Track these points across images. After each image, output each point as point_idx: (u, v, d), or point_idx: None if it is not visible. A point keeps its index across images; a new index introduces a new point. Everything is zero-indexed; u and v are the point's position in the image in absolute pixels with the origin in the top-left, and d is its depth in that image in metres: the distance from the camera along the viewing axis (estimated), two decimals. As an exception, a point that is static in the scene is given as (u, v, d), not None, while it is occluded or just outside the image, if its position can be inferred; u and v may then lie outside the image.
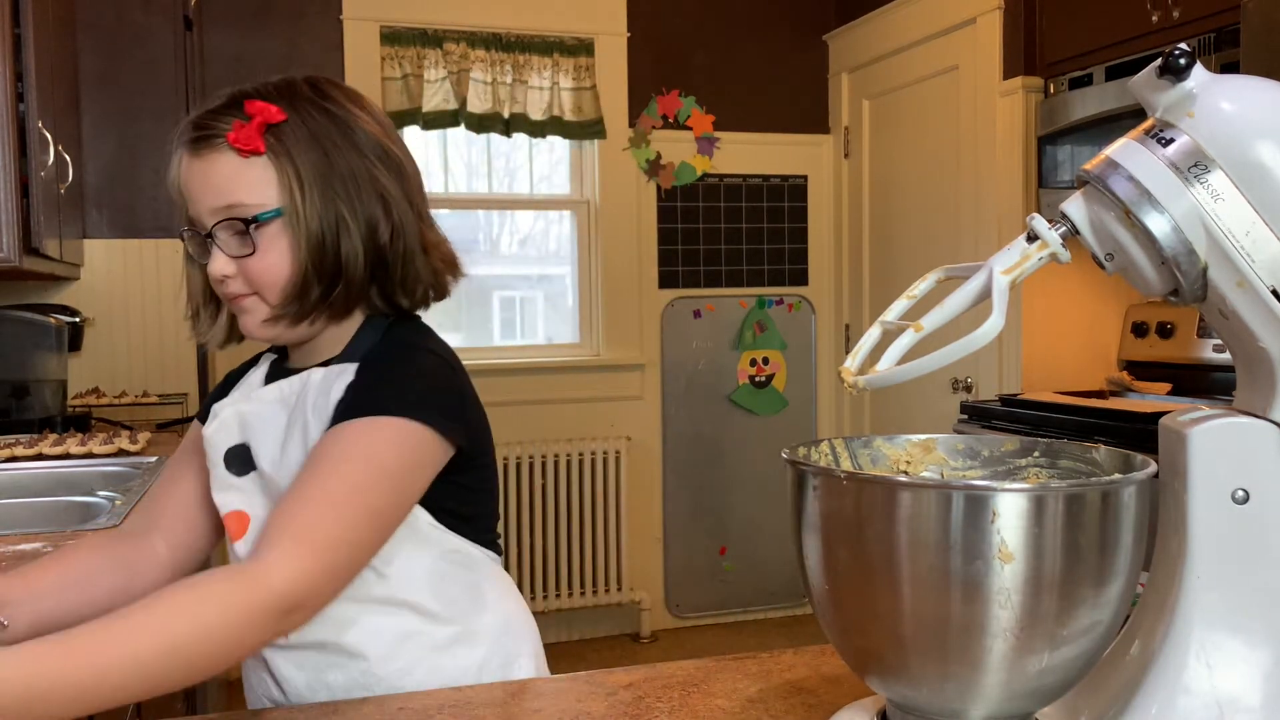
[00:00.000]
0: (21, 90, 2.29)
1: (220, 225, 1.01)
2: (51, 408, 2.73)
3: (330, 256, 1.01)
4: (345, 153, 1.02)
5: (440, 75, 3.71)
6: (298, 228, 1.00)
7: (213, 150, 1.01)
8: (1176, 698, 0.74)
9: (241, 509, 1.05)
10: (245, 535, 1.05)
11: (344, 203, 1.01)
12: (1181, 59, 0.71)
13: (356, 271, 1.03)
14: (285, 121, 1.01)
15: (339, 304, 1.04)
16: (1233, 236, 0.71)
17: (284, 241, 1.01)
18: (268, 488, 1.05)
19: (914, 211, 3.77)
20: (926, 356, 0.72)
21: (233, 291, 1.04)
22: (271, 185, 1.00)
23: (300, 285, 1.01)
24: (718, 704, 0.94)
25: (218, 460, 1.07)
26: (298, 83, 1.05)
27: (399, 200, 1.04)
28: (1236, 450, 0.75)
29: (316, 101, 1.03)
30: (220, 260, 1.02)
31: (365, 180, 1.03)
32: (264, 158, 1.00)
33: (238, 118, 1.00)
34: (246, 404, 1.08)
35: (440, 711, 0.93)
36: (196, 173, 1.02)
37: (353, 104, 1.06)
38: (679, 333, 4.11)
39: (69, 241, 2.87)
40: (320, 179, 1.01)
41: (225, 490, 1.06)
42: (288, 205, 1.00)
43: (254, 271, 1.02)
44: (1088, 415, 2.59)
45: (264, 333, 1.05)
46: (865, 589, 0.74)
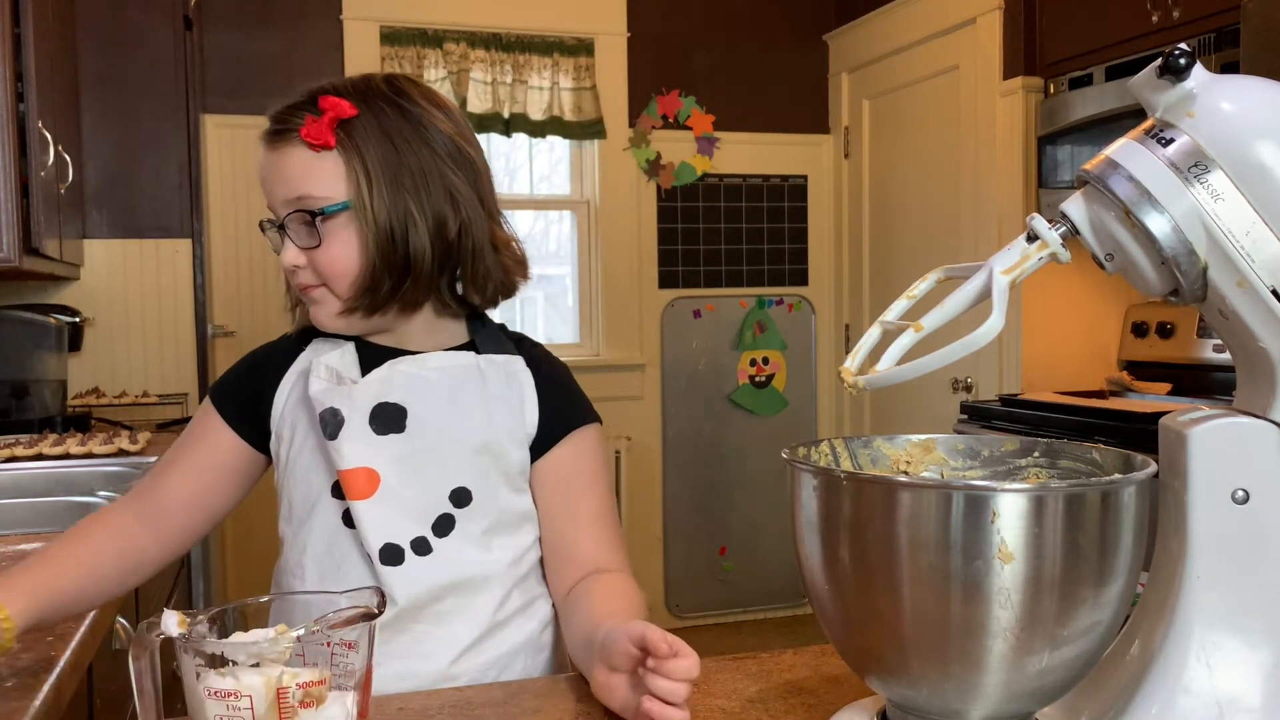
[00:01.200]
0: (21, 90, 2.29)
1: (291, 216, 1.04)
2: (51, 408, 2.73)
3: (399, 251, 1.04)
4: (416, 149, 1.04)
5: (440, 75, 3.71)
6: (365, 221, 1.03)
7: (286, 143, 1.04)
8: (1176, 698, 0.74)
9: (373, 467, 1.05)
10: (374, 495, 1.04)
11: (412, 198, 1.04)
12: (1181, 59, 0.71)
13: (424, 266, 1.05)
14: (357, 117, 1.03)
15: (409, 298, 1.07)
16: (1233, 236, 0.71)
17: (351, 234, 1.03)
18: (409, 452, 1.06)
19: (914, 211, 3.77)
20: (926, 356, 0.72)
21: (303, 282, 1.07)
22: (340, 179, 1.03)
23: (370, 279, 1.04)
24: (718, 704, 0.94)
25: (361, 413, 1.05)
26: (374, 79, 1.08)
27: (468, 197, 1.07)
28: (1236, 450, 0.75)
29: (390, 98, 1.06)
30: (291, 251, 1.05)
31: (435, 176, 1.05)
32: (334, 152, 1.03)
33: (311, 112, 1.03)
34: (410, 366, 1.08)
35: (440, 711, 0.93)
36: (271, 165, 1.05)
37: (427, 101, 1.08)
38: (679, 333, 4.11)
39: (69, 241, 2.87)
40: (389, 174, 1.03)
41: (357, 444, 1.05)
42: (355, 199, 1.03)
43: (321, 263, 1.04)
44: (1088, 415, 2.59)
45: (336, 324, 1.08)
46: (865, 589, 0.74)
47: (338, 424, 1.05)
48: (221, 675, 0.71)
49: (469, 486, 1.07)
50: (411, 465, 1.06)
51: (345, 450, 1.05)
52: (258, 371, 1.15)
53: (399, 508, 1.05)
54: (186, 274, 3.33)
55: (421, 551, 1.06)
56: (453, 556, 1.07)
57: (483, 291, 1.11)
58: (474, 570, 1.08)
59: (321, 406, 1.06)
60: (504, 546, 1.10)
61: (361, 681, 0.75)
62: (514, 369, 1.12)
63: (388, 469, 1.05)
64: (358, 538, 1.06)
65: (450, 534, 1.07)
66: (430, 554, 1.06)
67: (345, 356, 1.11)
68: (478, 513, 1.08)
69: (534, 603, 1.13)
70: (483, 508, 1.08)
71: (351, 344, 1.12)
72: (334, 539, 1.08)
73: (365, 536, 1.05)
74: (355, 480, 1.05)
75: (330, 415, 1.05)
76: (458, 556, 1.07)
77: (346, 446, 1.05)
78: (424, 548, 1.06)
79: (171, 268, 3.32)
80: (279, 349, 1.15)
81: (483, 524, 1.08)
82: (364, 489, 1.05)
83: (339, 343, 1.12)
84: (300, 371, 1.11)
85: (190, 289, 3.33)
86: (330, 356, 1.10)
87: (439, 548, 1.06)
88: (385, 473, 1.05)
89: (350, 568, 1.06)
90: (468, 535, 1.07)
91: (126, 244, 3.29)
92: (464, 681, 1.07)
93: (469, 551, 1.07)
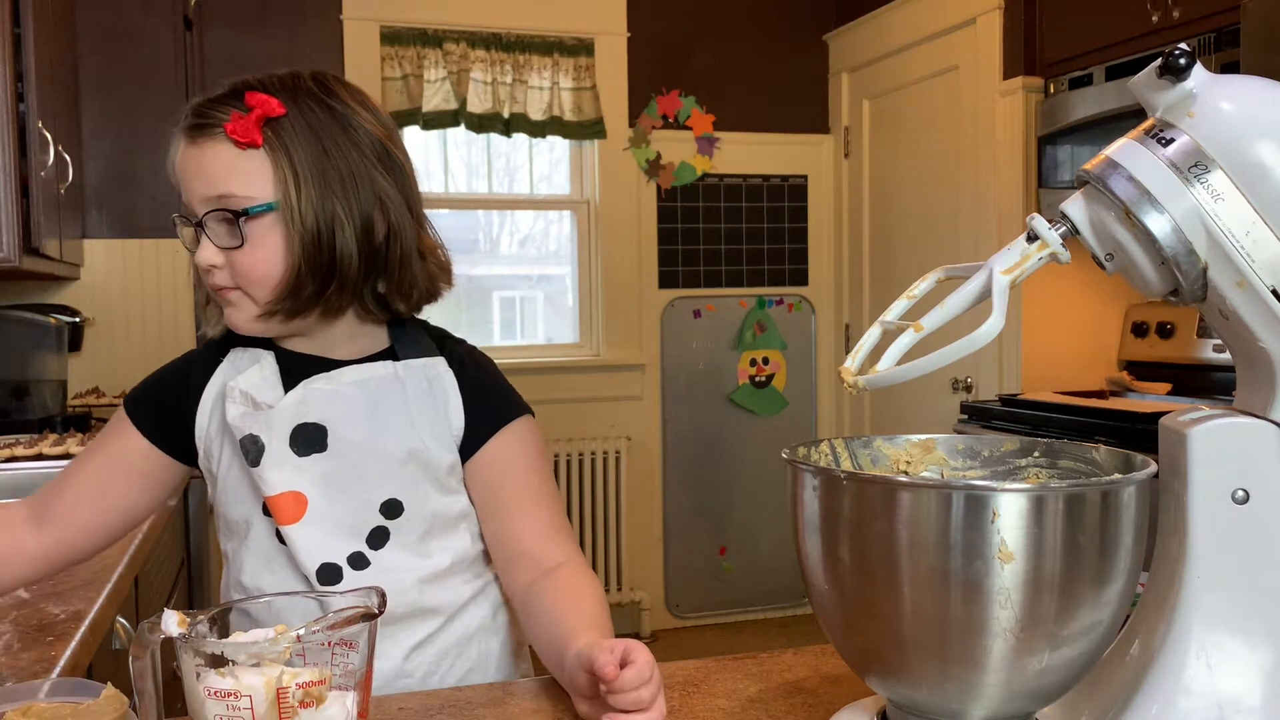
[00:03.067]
0: (21, 90, 2.29)
1: (210, 215, 1.00)
2: (51, 408, 2.73)
3: (324, 254, 1.00)
4: (344, 150, 1.01)
5: (440, 75, 3.71)
6: (291, 223, 0.99)
7: (209, 139, 1.00)
8: (1177, 698, 0.74)
9: (299, 490, 1.03)
10: (303, 519, 1.03)
11: (340, 200, 1.00)
12: (1181, 59, 0.71)
13: (350, 271, 1.01)
14: (285, 115, 0.99)
15: (332, 303, 1.03)
16: (1233, 236, 0.71)
17: (276, 236, 0.99)
18: (333, 470, 1.03)
19: (914, 211, 3.77)
20: (926, 356, 0.72)
21: (218, 283, 1.02)
22: (266, 179, 0.99)
23: (293, 282, 1.00)
24: (718, 704, 0.94)
25: (280, 438, 1.03)
26: (302, 76, 1.04)
27: (396, 201, 1.03)
28: (1236, 450, 0.75)
29: (319, 97, 1.02)
30: (208, 250, 1.00)
31: (363, 179, 1.01)
32: (260, 150, 0.99)
33: (237, 109, 0.99)
34: (325, 384, 1.05)
35: (440, 711, 0.93)
36: (192, 160, 1.01)
37: (355, 101, 1.04)
38: (679, 333, 4.11)
39: (69, 241, 2.87)
40: (317, 175, 0.99)
41: (280, 469, 1.03)
42: (281, 200, 0.99)
43: (242, 265, 1.00)
44: (1088, 415, 2.59)
45: (253, 327, 1.04)
46: (865, 589, 0.74)
47: (259, 450, 1.03)
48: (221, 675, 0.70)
49: (398, 497, 1.05)
50: (337, 483, 1.04)
51: (269, 476, 1.03)
52: (175, 382, 1.11)
53: (330, 527, 1.04)
54: (186, 274, 3.31)
55: (359, 566, 1.05)
56: (391, 566, 1.05)
57: (407, 299, 1.07)
58: (415, 574, 1.06)
59: (240, 434, 1.03)
60: (442, 550, 1.09)
61: (361, 681, 0.75)
62: (435, 372, 1.09)
63: (314, 490, 1.03)
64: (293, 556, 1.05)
65: (386, 545, 1.06)
66: (369, 567, 1.05)
67: (264, 371, 1.07)
68: (411, 521, 1.06)
69: (484, 589, 1.12)
70: (415, 515, 1.06)
71: (270, 354, 1.08)
72: (271, 557, 1.06)
73: (300, 559, 1.03)
74: (283, 505, 1.03)
75: (250, 442, 1.03)
76: (397, 566, 1.05)
77: (269, 473, 1.02)
78: (361, 562, 1.05)
79: (171, 268, 3.32)
80: (197, 359, 1.12)
81: (418, 531, 1.07)
82: (292, 513, 1.03)
83: (257, 354, 1.08)
84: (218, 392, 1.08)
85: (190, 289, 3.32)
86: (247, 376, 1.07)
87: (376, 560, 1.05)
88: (311, 494, 1.03)
89: (291, 585, 1.05)
90: (404, 544, 1.06)
91: (126, 244, 3.29)
92: (420, 674, 1.07)
93: (407, 560, 1.06)
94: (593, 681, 0.86)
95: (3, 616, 1.18)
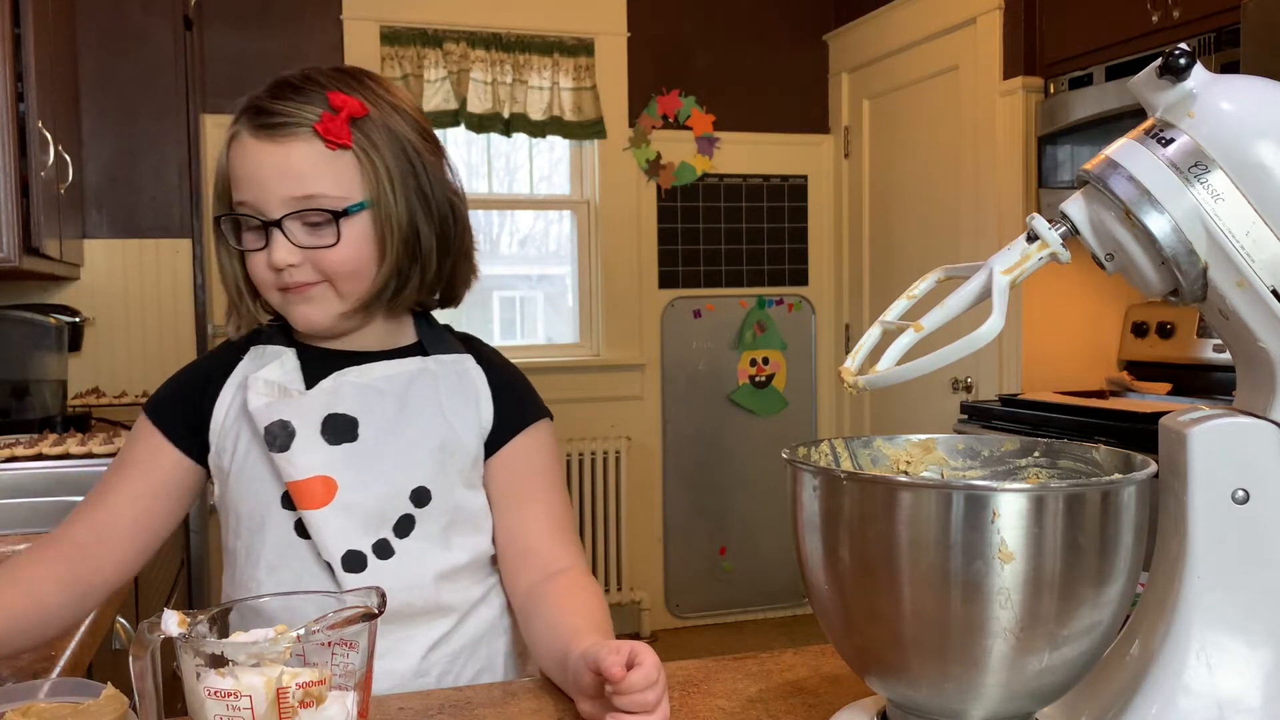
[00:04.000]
0: (21, 90, 2.29)
1: (294, 215, 1.00)
2: (51, 408, 2.73)
3: (411, 250, 1.04)
4: (419, 149, 1.04)
5: (440, 75, 3.71)
6: (386, 222, 1.02)
7: (294, 139, 1.00)
8: (1177, 698, 0.74)
9: (329, 475, 1.03)
10: (331, 503, 1.03)
11: (421, 200, 1.04)
12: (1181, 59, 0.71)
13: (431, 265, 1.06)
14: (368, 116, 1.01)
15: (408, 297, 1.07)
16: (1233, 236, 0.71)
17: (367, 233, 1.02)
18: (364, 457, 1.04)
19: (914, 211, 3.77)
20: (926, 356, 0.72)
21: (298, 280, 1.03)
22: (355, 178, 1.01)
23: (384, 277, 1.04)
24: (718, 704, 0.94)
25: (311, 424, 1.03)
26: (359, 74, 1.06)
27: (462, 196, 1.08)
28: (1236, 450, 0.75)
29: (386, 95, 1.05)
30: (286, 249, 1.01)
31: (436, 174, 1.05)
32: (350, 151, 1.01)
33: (323, 108, 1.00)
34: (358, 377, 1.07)
35: (440, 711, 0.93)
36: (269, 158, 1.01)
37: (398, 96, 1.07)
38: (679, 333, 4.11)
39: (69, 241, 2.87)
40: (402, 175, 1.03)
41: (310, 454, 1.03)
42: (375, 199, 1.01)
43: (333, 262, 1.02)
44: (1088, 415, 2.59)
45: (325, 323, 1.05)
46: (865, 589, 0.74)
47: (289, 435, 1.03)
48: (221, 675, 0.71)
49: (428, 485, 1.06)
50: (368, 469, 1.04)
51: (298, 461, 1.03)
52: (196, 383, 1.11)
53: (358, 513, 1.04)
54: (186, 274, 3.33)
55: (384, 555, 1.05)
56: (415, 557, 1.06)
57: (458, 292, 1.12)
58: (436, 567, 1.07)
59: (268, 420, 1.03)
60: (461, 546, 1.09)
61: (361, 681, 0.75)
62: (464, 367, 1.11)
63: (344, 475, 1.04)
64: (313, 548, 1.04)
65: (411, 534, 1.06)
66: (392, 556, 1.05)
67: (285, 365, 1.08)
68: (437, 511, 1.07)
69: (492, 589, 1.13)
70: (441, 506, 1.07)
71: (292, 350, 1.09)
72: (287, 551, 1.06)
73: (324, 544, 1.03)
74: (310, 489, 1.03)
75: (280, 428, 1.03)
76: (419, 557, 1.06)
77: (299, 457, 1.03)
78: (386, 551, 1.05)
79: (171, 268, 3.32)
80: (217, 358, 1.12)
81: (441, 522, 1.07)
82: (320, 497, 1.03)
83: (279, 351, 1.09)
84: (239, 384, 1.08)
85: (190, 289, 3.33)
86: (269, 370, 1.07)
87: (401, 549, 1.05)
88: (342, 479, 1.03)
89: (309, 579, 1.05)
90: (428, 534, 1.07)
91: (126, 244, 3.29)
92: (436, 673, 1.07)
93: (429, 551, 1.07)
94: (598, 681, 0.86)
95: (3, 616, 1.18)
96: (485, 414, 1.10)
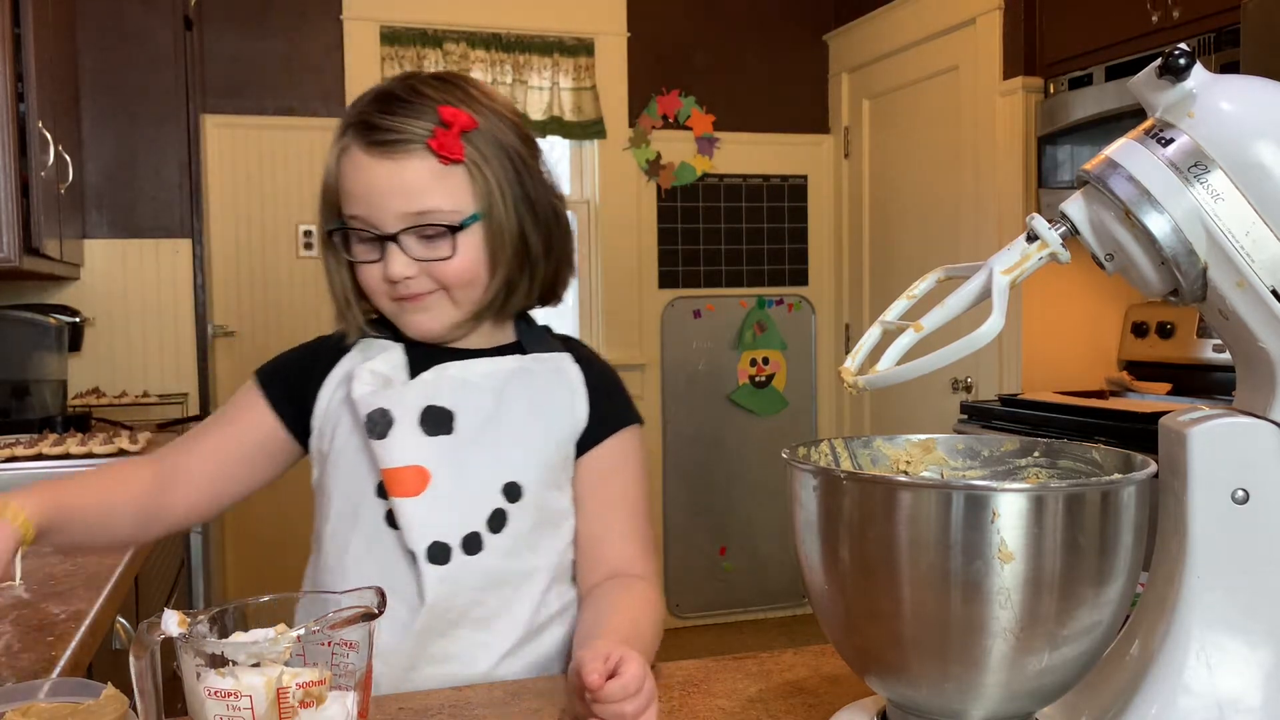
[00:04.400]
0: (22, 90, 2.29)
1: (410, 230, 1.02)
2: (51, 408, 2.73)
3: (522, 256, 1.06)
4: (524, 157, 1.06)
5: (440, 75, 3.71)
6: (498, 232, 1.04)
7: (407, 154, 1.01)
8: (1177, 698, 0.74)
9: (424, 465, 1.04)
10: (423, 493, 1.04)
11: (529, 207, 1.06)
12: (1181, 59, 0.71)
13: (540, 269, 1.08)
14: (477, 128, 1.02)
15: (518, 302, 1.09)
16: (1233, 236, 0.71)
17: (480, 244, 1.04)
18: (458, 450, 1.05)
19: (914, 211, 3.77)
20: (926, 356, 0.72)
21: (414, 290, 1.05)
22: (467, 191, 1.03)
23: (499, 285, 1.06)
24: (718, 704, 0.94)
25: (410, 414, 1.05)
26: (460, 81, 1.07)
27: (563, 200, 1.10)
28: (1236, 450, 0.75)
29: (489, 103, 1.06)
30: (402, 262, 1.03)
31: (539, 180, 1.07)
32: (462, 165, 1.02)
33: (434, 123, 1.01)
34: (458, 371, 1.08)
35: (440, 711, 0.93)
36: (385, 174, 1.02)
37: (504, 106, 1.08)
38: (679, 333, 4.11)
39: (69, 241, 2.88)
40: (511, 183, 1.04)
41: (406, 443, 1.04)
42: (487, 211, 1.03)
43: (449, 273, 1.04)
44: (1088, 415, 2.59)
45: (440, 331, 1.08)
46: (865, 589, 0.74)
47: (387, 423, 1.04)
48: (222, 675, 0.71)
49: (519, 481, 1.07)
50: (462, 463, 1.05)
51: (394, 449, 1.04)
52: (307, 363, 1.13)
53: (449, 505, 1.04)
54: (186, 274, 3.33)
55: (472, 550, 1.05)
56: (502, 554, 1.06)
57: (560, 292, 1.14)
58: (520, 567, 1.07)
59: (369, 407, 1.05)
60: (548, 549, 1.10)
61: (361, 681, 0.75)
62: (562, 366, 1.12)
63: (438, 467, 1.04)
64: (400, 539, 1.05)
65: (504, 530, 1.06)
66: (480, 551, 1.05)
67: (392, 359, 1.10)
68: (528, 508, 1.07)
69: (568, 608, 1.12)
70: (531, 503, 1.07)
71: (400, 347, 1.11)
72: (376, 540, 1.07)
73: (409, 534, 1.03)
74: (404, 478, 1.04)
75: (379, 415, 1.04)
76: (507, 553, 1.06)
77: (396, 445, 1.04)
78: (475, 545, 1.05)
79: (171, 268, 3.32)
80: (330, 343, 1.14)
81: (531, 520, 1.08)
82: (413, 486, 1.04)
83: (386, 345, 1.11)
84: (344, 374, 1.10)
85: (190, 289, 3.33)
86: (376, 362, 1.09)
87: (490, 544, 1.06)
88: (435, 470, 1.04)
89: (393, 569, 1.05)
90: (518, 532, 1.07)
91: (126, 244, 3.29)
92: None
93: (518, 548, 1.07)
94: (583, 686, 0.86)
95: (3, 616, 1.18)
96: (580, 413, 1.11)
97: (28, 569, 1.36)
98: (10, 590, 1.25)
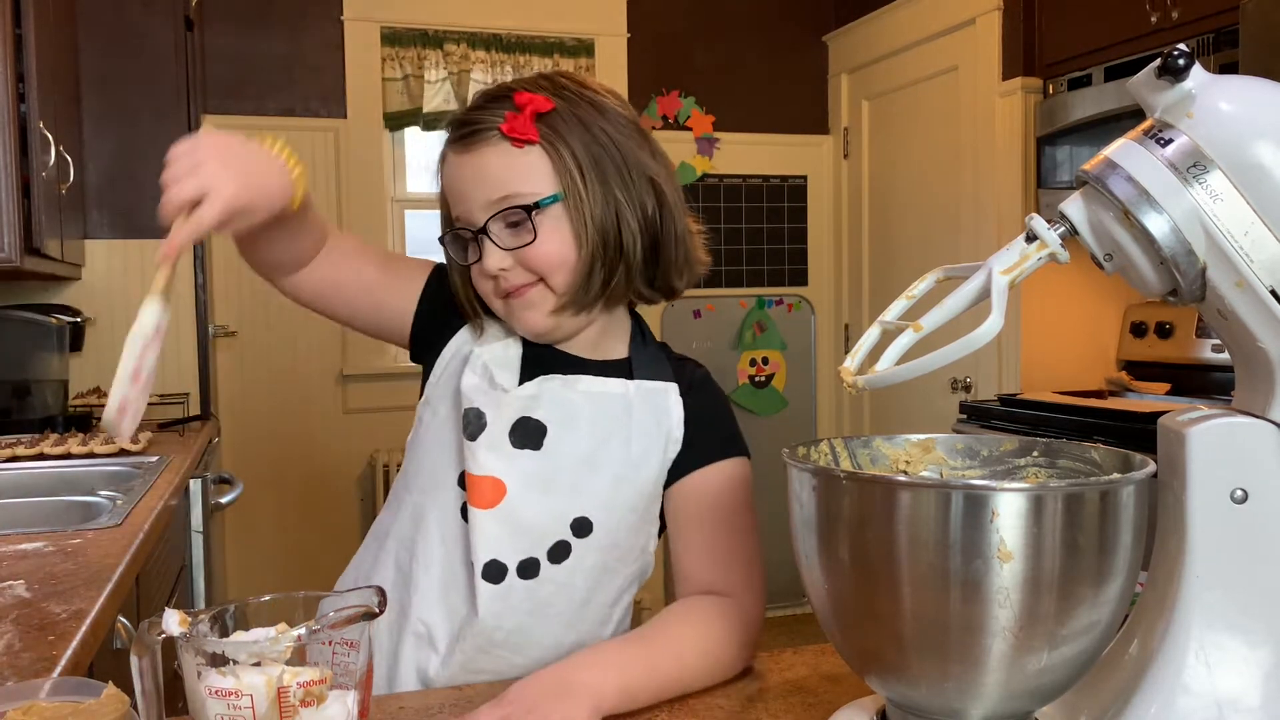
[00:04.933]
0: (22, 91, 2.29)
1: (496, 217, 1.01)
2: (53, 407, 2.73)
3: (612, 241, 1.03)
4: (611, 135, 1.03)
5: (441, 76, 3.71)
6: (580, 212, 1.01)
7: (483, 144, 1.02)
8: (1176, 697, 0.74)
9: (501, 478, 1.03)
10: (496, 508, 1.03)
11: (618, 186, 1.03)
12: (1180, 59, 0.71)
13: (636, 255, 1.05)
14: (554, 110, 1.01)
15: (619, 290, 1.06)
16: (1231, 237, 0.71)
17: (565, 226, 1.02)
18: (539, 471, 1.04)
19: (914, 211, 3.77)
20: (926, 356, 0.72)
21: (514, 283, 1.04)
22: (546, 172, 1.01)
23: (586, 270, 1.03)
24: (718, 704, 0.94)
25: (503, 423, 1.04)
26: (555, 75, 1.07)
27: (667, 182, 1.06)
28: (1236, 450, 0.75)
29: (576, 89, 1.05)
30: (495, 254, 1.02)
31: (632, 160, 1.04)
32: (537, 146, 1.01)
33: (508, 109, 1.01)
34: (560, 386, 1.06)
35: (440, 711, 0.93)
36: (467, 168, 1.03)
37: (604, 90, 1.07)
38: (679, 333, 4.11)
39: (70, 241, 2.88)
40: (592, 162, 1.02)
41: (492, 452, 1.03)
42: (568, 190, 1.01)
43: (537, 258, 1.02)
44: (1087, 415, 2.59)
45: (546, 325, 1.06)
46: (865, 589, 0.74)
47: (480, 426, 1.04)
48: (222, 674, 0.71)
49: (591, 517, 1.05)
50: (540, 485, 1.04)
51: (480, 456, 1.03)
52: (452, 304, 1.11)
53: (515, 527, 1.03)
54: (187, 274, 3.33)
55: (527, 575, 1.03)
56: (557, 585, 1.04)
57: (681, 278, 1.10)
58: (574, 599, 1.06)
59: (469, 404, 1.05)
60: (607, 586, 1.08)
61: (362, 681, 0.75)
62: (665, 397, 1.09)
63: (515, 484, 1.03)
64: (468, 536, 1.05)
65: (564, 562, 1.04)
66: (536, 578, 1.03)
67: (509, 351, 1.09)
68: (593, 545, 1.05)
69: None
70: (601, 540, 1.05)
71: (519, 340, 1.10)
72: (449, 526, 1.07)
73: (474, 546, 1.03)
74: (481, 487, 1.03)
75: (475, 416, 1.04)
76: (563, 585, 1.05)
77: (481, 452, 1.03)
78: (531, 571, 1.03)
79: (172, 268, 3.32)
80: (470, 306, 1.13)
81: (594, 557, 1.06)
82: (488, 498, 1.03)
83: (508, 333, 1.10)
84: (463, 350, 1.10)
85: (190, 289, 3.33)
86: (492, 349, 1.08)
87: (547, 574, 1.04)
88: (512, 487, 1.03)
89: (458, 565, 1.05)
90: (578, 567, 1.05)
91: (127, 244, 3.28)
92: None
93: (575, 582, 1.05)
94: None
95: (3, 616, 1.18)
96: (672, 445, 1.08)
97: (28, 569, 1.36)
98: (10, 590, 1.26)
